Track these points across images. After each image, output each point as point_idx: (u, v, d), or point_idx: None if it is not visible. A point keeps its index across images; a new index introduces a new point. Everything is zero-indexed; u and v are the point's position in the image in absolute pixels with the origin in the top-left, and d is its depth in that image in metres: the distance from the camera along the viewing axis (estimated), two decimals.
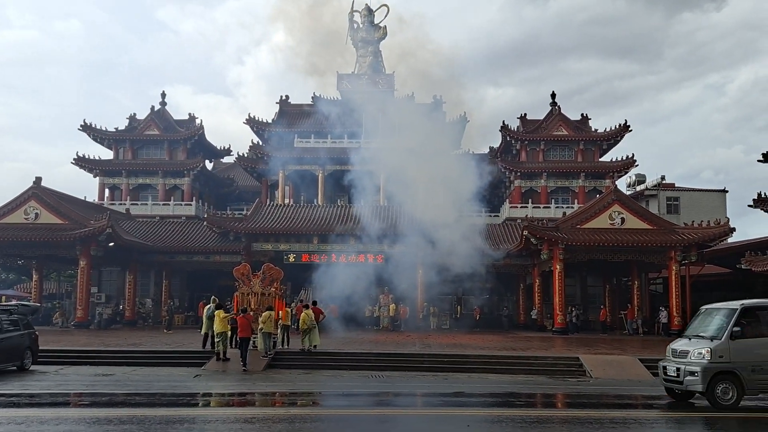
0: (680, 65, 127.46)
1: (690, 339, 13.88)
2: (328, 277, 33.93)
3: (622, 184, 50.31)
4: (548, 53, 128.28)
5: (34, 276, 37.71)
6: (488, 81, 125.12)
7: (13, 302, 25.68)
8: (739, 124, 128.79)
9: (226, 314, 20.67)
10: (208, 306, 22.33)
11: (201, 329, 22.53)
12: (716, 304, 14.43)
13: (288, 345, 22.55)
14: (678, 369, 13.34)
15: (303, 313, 21.90)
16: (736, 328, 12.99)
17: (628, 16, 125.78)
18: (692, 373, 12.93)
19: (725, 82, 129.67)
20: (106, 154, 49.89)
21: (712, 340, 13.20)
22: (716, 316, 13.82)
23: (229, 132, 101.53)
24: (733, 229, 32.37)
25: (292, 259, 37.65)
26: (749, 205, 29.11)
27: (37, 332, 19.96)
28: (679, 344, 14.07)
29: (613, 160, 47.00)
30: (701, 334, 13.68)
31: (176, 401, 13.34)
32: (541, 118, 49.08)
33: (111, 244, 34.45)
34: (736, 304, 13.64)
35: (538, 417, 12.08)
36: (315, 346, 21.73)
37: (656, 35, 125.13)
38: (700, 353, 13.03)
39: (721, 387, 12.70)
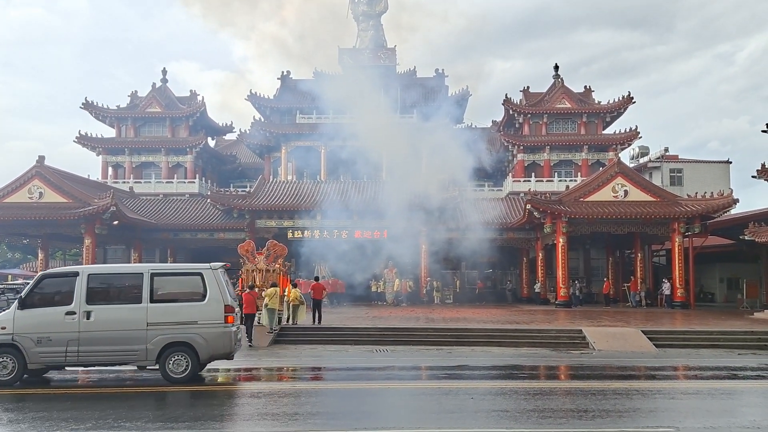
0: (692, 37, 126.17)
1: None
2: (332, 253, 34.13)
3: (625, 156, 50.13)
4: (558, 25, 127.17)
5: (40, 255, 37.88)
6: (495, 54, 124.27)
7: (20, 281, 25.89)
8: (746, 94, 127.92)
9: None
10: None
11: None
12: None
13: (295, 321, 22.56)
14: None
15: (291, 292, 22.37)
16: (26, 297, 12.04)
17: None
18: None
19: (735, 51, 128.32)
20: (109, 132, 49.84)
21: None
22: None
23: (236, 108, 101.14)
24: (737, 200, 32.28)
25: (296, 235, 37.75)
26: (753, 176, 28.96)
27: None
28: None
29: (617, 132, 46.75)
30: None
31: None
32: (545, 90, 48.77)
33: (115, 222, 34.58)
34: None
35: (541, 389, 12.20)
36: (296, 323, 22.20)
37: (669, 6, 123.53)
38: None
39: None
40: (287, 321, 22.47)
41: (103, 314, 12.15)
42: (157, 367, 12.22)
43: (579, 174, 44.90)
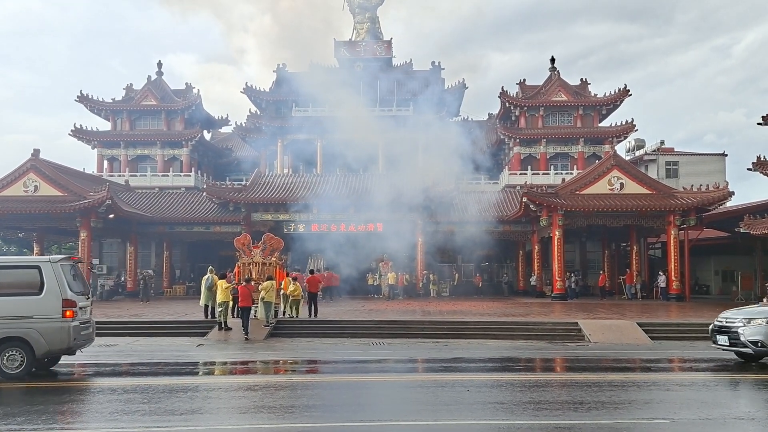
0: (690, 29, 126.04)
1: None
2: (329, 246, 34.11)
3: (621, 149, 50.16)
4: (556, 17, 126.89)
5: (35, 248, 37.81)
6: (493, 47, 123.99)
7: None
8: (743, 87, 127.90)
9: (228, 284, 20.78)
10: (206, 276, 22.39)
11: (200, 301, 22.60)
12: None
13: (294, 314, 22.51)
14: None
15: (290, 285, 22.37)
16: None
17: None
18: None
19: (732, 43, 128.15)
20: (104, 125, 49.71)
21: None
22: None
23: (232, 101, 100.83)
24: (732, 193, 32.34)
25: (293, 228, 37.67)
26: (748, 169, 29.01)
27: None
28: None
29: (613, 125, 46.77)
30: None
31: (179, 370, 13.48)
32: (541, 83, 48.72)
33: (111, 215, 34.49)
34: None
35: (537, 381, 12.21)
36: (295, 315, 22.23)
37: None
38: None
39: None
40: (284, 314, 22.50)
41: None
42: None
43: (575, 167, 44.93)
